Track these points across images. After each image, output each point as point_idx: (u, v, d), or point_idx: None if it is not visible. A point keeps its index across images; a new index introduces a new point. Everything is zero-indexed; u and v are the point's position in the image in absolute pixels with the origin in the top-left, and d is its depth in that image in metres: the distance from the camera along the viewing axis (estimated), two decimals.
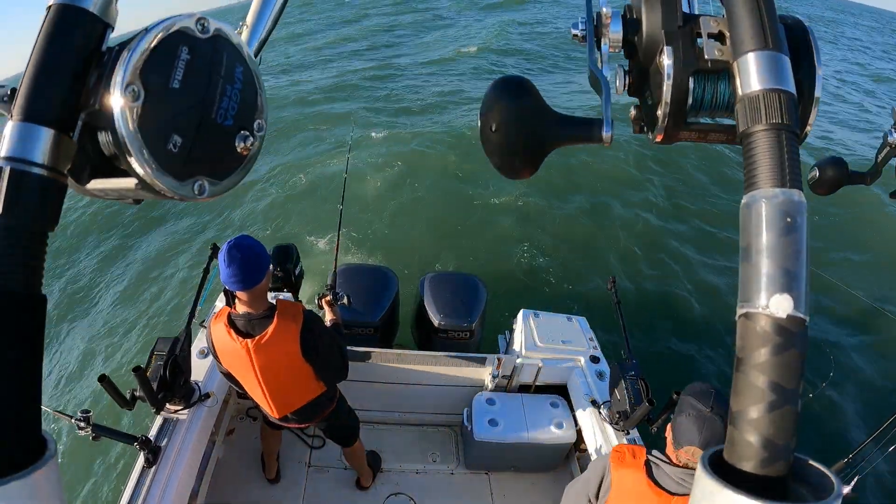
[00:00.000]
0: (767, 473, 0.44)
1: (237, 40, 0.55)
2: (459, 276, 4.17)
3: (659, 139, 0.60)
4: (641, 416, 2.73)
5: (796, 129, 0.47)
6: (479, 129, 0.63)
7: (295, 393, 2.56)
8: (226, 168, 0.55)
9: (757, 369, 0.44)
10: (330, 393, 2.71)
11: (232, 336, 2.27)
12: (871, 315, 6.90)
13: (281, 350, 2.32)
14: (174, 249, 6.80)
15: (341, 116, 11.20)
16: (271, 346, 2.28)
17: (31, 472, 0.42)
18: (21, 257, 0.44)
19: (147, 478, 2.37)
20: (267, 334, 2.26)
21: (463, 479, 3.47)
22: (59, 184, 0.47)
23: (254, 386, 2.44)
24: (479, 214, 8.56)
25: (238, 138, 0.55)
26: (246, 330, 2.29)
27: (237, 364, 2.37)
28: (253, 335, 2.26)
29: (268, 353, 2.30)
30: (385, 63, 16.23)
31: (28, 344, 0.45)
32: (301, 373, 2.45)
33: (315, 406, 2.66)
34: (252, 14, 0.67)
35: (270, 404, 2.52)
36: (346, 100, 12.45)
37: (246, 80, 0.56)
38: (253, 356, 2.28)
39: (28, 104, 0.46)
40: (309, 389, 2.57)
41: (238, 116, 0.55)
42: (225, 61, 0.53)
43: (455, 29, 22.96)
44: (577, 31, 0.62)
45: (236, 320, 2.30)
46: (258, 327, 2.28)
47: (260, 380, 2.38)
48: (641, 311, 6.58)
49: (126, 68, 0.46)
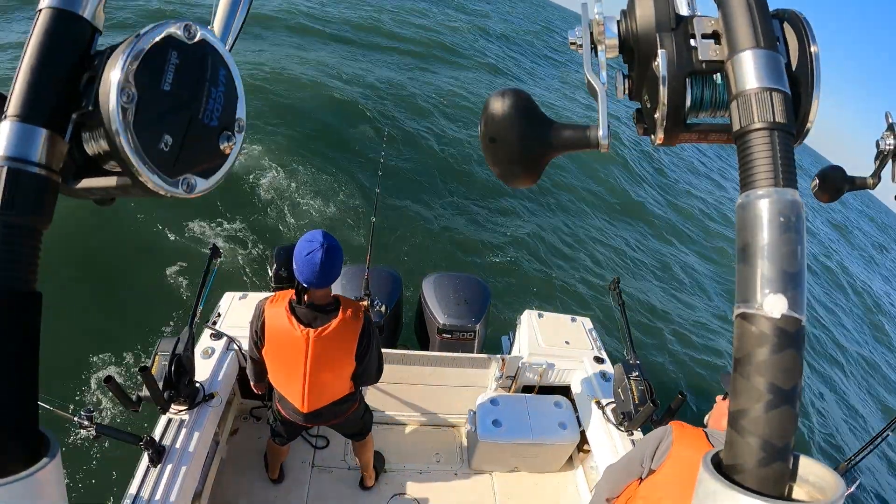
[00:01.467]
0: (767, 473, 0.44)
1: (220, 45, 0.58)
2: (462, 277, 4.17)
3: (660, 141, 0.61)
4: (645, 416, 2.73)
5: (791, 127, 0.47)
6: (479, 140, 0.64)
7: (330, 389, 2.57)
8: (211, 166, 0.58)
9: (754, 370, 0.44)
10: (356, 392, 2.72)
11: (292, 322, 2.30)
12: (871, 314, 6.87)
13: (338, 345, 2.36)
14: (173, 249, 6.82)
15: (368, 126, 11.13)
16: (331, 340, 2.32)
17: (34, 472, 0.43)
18: (17, 254, 0.45)
19: (151, 478, 2.38)
20: (330, 327, 2.30)
21: (467, 479, 3.47)
22: (53, 182, 0.48)
23: (296, 376, 2.44)
24: (481, 214, 8.57)
25: (222, 138, 0.58)
26: (307, 320, 2.32)
27: (288, 351, 2.38)
28: (314, 326, 2.30)
29: (324, 346, 2.33)
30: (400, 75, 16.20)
31: (24, 340, 0.46)
32: (344, 370, 2.48)
33: (341, 404, 2.66)
34: (221, 13, 0.68)
35: (305, 397, 2.51)
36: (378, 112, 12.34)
37: (228, 83, 0.58)
38: (311, 346, 2.31)
39: (22, 105, 0.47)
40: (342, 388, 2.59)
41: (222, 117, 0.58)
42: (210, 65, 0.56)
43: None
44: (574, 38, 0.62)
45: (297, 309, 2.33)
46: (321, 320, 2.31)
47: (308, 370, 2.40)
48: (645, 312, 6.57)
49: (121, 71, 0.48)
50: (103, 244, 6.64)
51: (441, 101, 12.91)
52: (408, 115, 11.62)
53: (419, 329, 4.06)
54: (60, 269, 5.95)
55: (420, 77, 14.45)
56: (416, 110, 11.97)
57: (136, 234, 6.98)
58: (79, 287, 6.00)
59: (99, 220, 6.77)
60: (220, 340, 3.13)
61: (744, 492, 0.42)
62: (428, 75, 14.98)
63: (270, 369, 2.53)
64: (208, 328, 3.23)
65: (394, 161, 9.10)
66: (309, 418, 2.65)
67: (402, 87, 13.10)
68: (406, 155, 9.91)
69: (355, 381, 2.60)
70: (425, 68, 15.54)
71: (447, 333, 3.72)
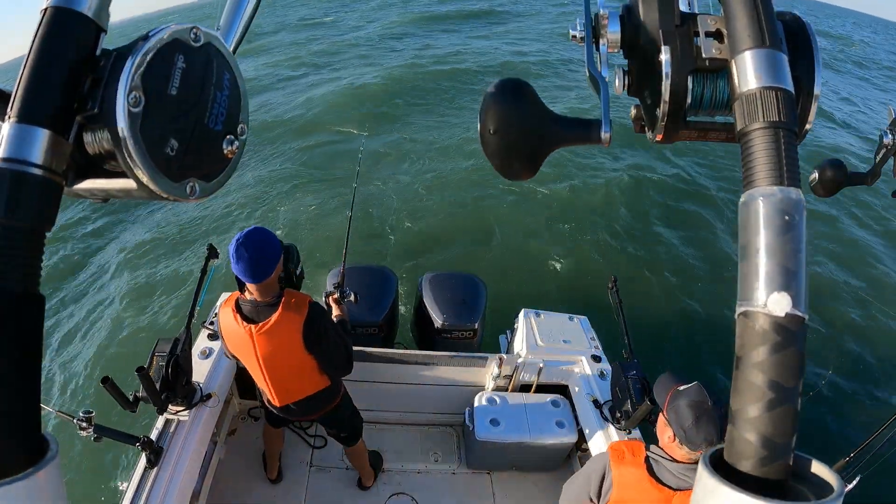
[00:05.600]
0: (767, 472, 0.44)
1: (225, 49, 0.58)
2: (460, 276, 4.17)
3: (659, 138, 0.61)
4: (643, 415, 2.73)
5: (794, 126, 0.47)
6: (479, 131, 0.64)
7: (296, 383, 2.58)
8: (214, 170, 0.58)
9: (756, 368, 0.44)
10: (334, 388, 2.72)
11: (237, 321, 2.32)
12: (871, 313, 6.90)
13: (283, 339, 2.36)
14: (173, 249, 6.81)
15: (352, 122, 11.11)
16: (274, 334, 2.33)
17: (33, 473, 0.42)
18: (19, 257, 0.45)
19: (149, 478, 2.38)
20: (270, 322, 2.31)
21: (464, 478, 3.47)
22: (55, 184, 0.48)
23: (257, 372, 2.50)
24: (479, 213, 8.56)
25: (225, 142, 0.58)
26: (251, 316, 2.34)
27: (241, 349, 2.42)
28: (257, 321, 2.31)
29: (270, 341, 2.34)
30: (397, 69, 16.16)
31: (26, 343, 0.45)
32: (304, 364, 2.49)
33: (317, 400, 2.67)
34: (226, 16, 0.68)
35: (272, 392, 2.56)
36: (358, 106, 12.35)
37: (232, 87, 0.58)
38: (255, 342, 2.34)
39: (25, 106, 0.46)
40: (312, 382, 2.60)
41: (226, 121, 0.58)
42: (215, 69, 0.56)
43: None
44: (576, 31, 0.62)
45: (243, 306, 2.36)
46: (263, 314, 2.33)
47: (262, 366, 2.43)
48: (642, 311, 6.57)
49: (129, 75, 0.47)
50: (100, 244, 6.61)
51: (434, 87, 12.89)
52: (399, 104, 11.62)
53: (417, 328, 4.05)
54: (58, 269, 5.92)
55: (411, 46, 14.43)
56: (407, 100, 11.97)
57: (134, 233, 6.95)
58: (77, 287, 5.98)
59: (97, 220, 6.75)
60: (217, 341, 3.13)
61: (743, 490, 0.42)
62: (427, 39, 14.89)
63: (243, 366, 2.57)
64: (205, 329, 3.22)
65: (375, 157, 9.09)
66: (284, 411, 2.69)
67: (391, 75, 13.07)
68: (394, 149, 9.91)
69: (329, 375, 2.61)
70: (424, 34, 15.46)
71: (446, 333, 3.72)
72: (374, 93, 13.47)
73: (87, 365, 5.31)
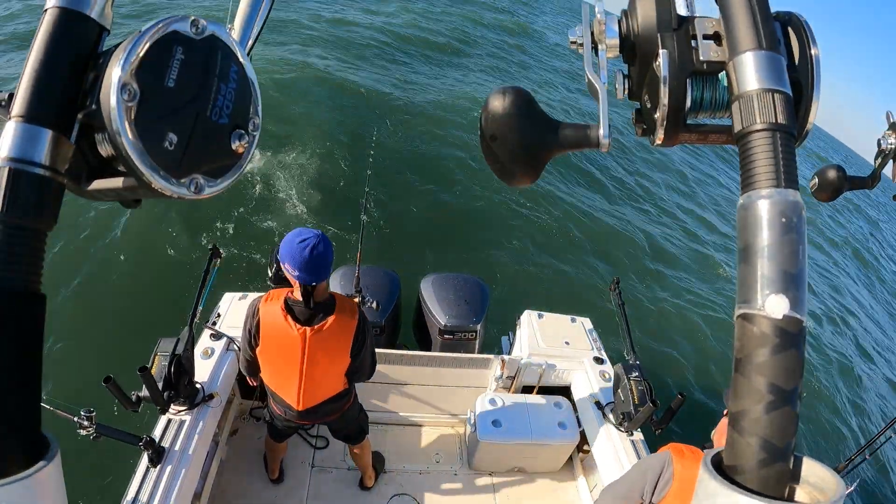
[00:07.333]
0: (768, 474, 0.44)
1: (231, 41, 0.56)
2: (462, 277, 4.17)
3: (660, 142, 0.61)
4: (645, 417, 2.73)
5: (792, 129, 0.47)
6: (479, 138, 0.64)
7: (325, 386, 2.57)
8: (222, 166, 0.55)
9: (755, 370, 0.44)
10: (350, 390, 2.72)
11: (288, 321, 2.30)
12: (872, 313, 6.87)
13: (333, 342, 2.36)
14: (175, 248, 6.82)
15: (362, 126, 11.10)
16: (328, 337, 2.33)
17: (34, 472, 0.43)
18: (21, 255, 0.45)
19: (150, 478, 2.38)
20: (326, 324, 2.31)
21: (467, 479, 3.47)
22: (57, 183, 0.48)
23: (291, 373, 2.44)
24: (480, 214, 8.56)
25: (234, 136, 0.55)
26: (303, 318, 2.32)
27: (283, 349, 2.38)
28: (309, 323, 2.31)
29: (320, 343, 2.34)
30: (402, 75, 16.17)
31: (27, 342, 0.46)
32: (338, 367, 2.49)
33: (335, 402, 2.66)
34: (241, 14, 0.68)
35: (300, 394, 2.51)
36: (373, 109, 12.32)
37: (241, 80, 0.56)
38: (308, 343, 2.32)
39: (27, 106, 0.46)
40: (335, 385, 2.59)
41: (233, 115, 0.55)
42: (219, 61, 0.54)
43: None
44: (575, 37, 0.62)
45: (294, 306, 2.32)
46: (315, 316, 2.32)
47: (304, 368, 2.40)
48: (645, 313, 6.57)
49: (121, 68, 0.46)
50: (102, 244, 6.64)
51: (437, 99, 12.91)
52: (404, 114, 11.63)
53: (419, 329, 4.05)
54: (59, 269, 5.94)
55: (415, 71, 14.45)
56: (412, 110, 11.97)
57: (136, 233, 6.97)
58: (77, 287, 6.00)
59: (98, 220, 6.77)
60: (219, 341, 3.13)
61: (744, 492, 0.42)
62: (426, 68, 14.96)
63: (264, 368, 2.53)
64: (208, 328, 3.23)
65: (384, 161, 9.10)
66: (304, 416, 2.65)
67: (397, 84, 13.10)
68: (401, 153, 9.91)
69: (349, 378, 2.61)
70: (423, 63, 15.52)
71: (449, 334, 3.72)
72: (379, 94, 13.48)
73: (89, 364, 5.32)
